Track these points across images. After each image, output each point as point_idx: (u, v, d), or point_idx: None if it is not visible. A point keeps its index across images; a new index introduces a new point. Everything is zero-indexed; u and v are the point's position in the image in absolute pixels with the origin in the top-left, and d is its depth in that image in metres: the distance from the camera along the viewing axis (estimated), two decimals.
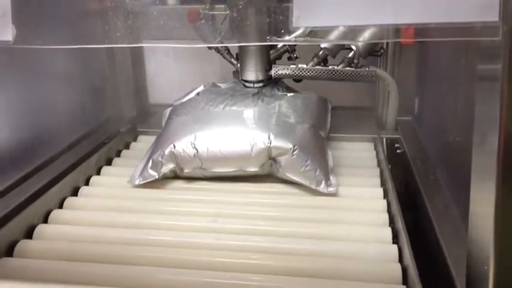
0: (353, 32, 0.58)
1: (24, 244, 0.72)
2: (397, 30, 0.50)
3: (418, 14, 0.46)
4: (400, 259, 0.68)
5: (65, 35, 0.57)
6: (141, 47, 1.33)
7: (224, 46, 1.11)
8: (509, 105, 0.46)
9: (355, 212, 0.80)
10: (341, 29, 0.60)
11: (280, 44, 1.13)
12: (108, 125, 1.24)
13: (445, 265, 0.66)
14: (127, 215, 0.81)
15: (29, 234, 0.76)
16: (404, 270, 0.65)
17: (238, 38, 1.03)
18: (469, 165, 0.54)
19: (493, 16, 0.44)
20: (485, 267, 0.49)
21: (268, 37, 1.05)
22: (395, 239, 0.72)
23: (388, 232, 0.73)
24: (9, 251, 0.71)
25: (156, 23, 0.90)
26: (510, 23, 0.44)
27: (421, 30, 0.48)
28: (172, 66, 1.59)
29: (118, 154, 1.09)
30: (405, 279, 0.64)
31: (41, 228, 0.77)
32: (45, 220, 0.80)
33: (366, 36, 0.60)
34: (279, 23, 0.97)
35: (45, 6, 0.57)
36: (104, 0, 0.73)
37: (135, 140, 1.17)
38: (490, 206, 0.49)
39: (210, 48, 1.22)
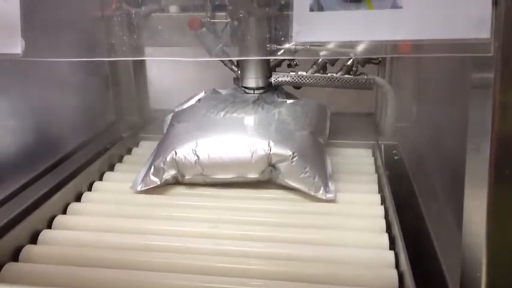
0: (351, 45, 0.59)
1: (29, 249, 0.74)
2: (394, 45, 0.52)
3: (413, 30, 0.48)
4: (397, 265, 0.69)
5: (72, 48, 0.58)
6: (142, 48, 1.34)
7: (225, 54, 1.13)
8: (500, 115, 0.48)
9: (353, 218, 0.82)
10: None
11: (280, 52, 1.15)
12: (110, 131, 1.26)
13: (440, 271, 0.67)
14: (129, 220, 0.83)
15: (33, 239, 0.77)
16: (401, 276, 0.66)
17: (238, 46, 1.05)
18: (464, 172, 0.55)
19: (485, 33, 0.46)
20: (478, 274, 0.51)
21: (268, 45, 1.07)
22: (392, 245, 0.74)
23: (385, 238, 0.75)
24: (15, 256, 0.73)
25: (159, 32, 0.92)
26: (501, 39, 0.46)
27: (415, 46, 0.49)
28: (173, 71, 1.61)
29: (120, 160, 1.10)
30: (401, 284, 0.65)
31: (45, 234, 0.78)
32: (49, 225, 0.82)
33: (363, 49, 0.62)
34: (279, 31, 0.99)
35: (53, 20, 0.58)
36: (107, 12, 0.75)
37: (136, 145, 1.19)
38: (483, 212, 0.50)
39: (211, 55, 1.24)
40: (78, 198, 0.91)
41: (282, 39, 1.05)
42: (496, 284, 0.51)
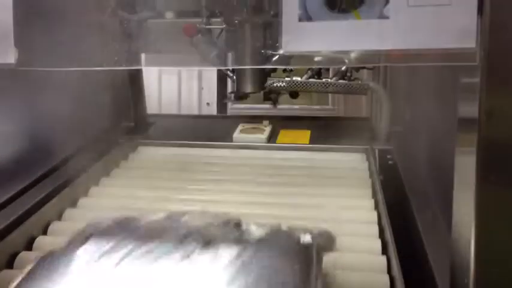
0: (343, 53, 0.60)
1: (24, 256, 0.74)
2: (387, 54, 0.53)
3: (400, 40, 0.48)
4: (389, 270, 0.70)
5: (66, 57, 0.59)
6: (139, 55, 1.35)
7: (221, 61, 1.13)
8: (486, 122, 0.49)
9: (346, 223, 0.82)
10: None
11: (275, 57, 1.15)
12: (106, 136, 1.26)
13: (431, 276, 0.68)
14: None
15: (29, 246, 0.78)
16: (392, 281, 0.67)
17: (233, 53, 1.05)
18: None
19: (470, 43, 0.47)
20: (466, 280, 0.51)
21: (263, 51, 1.08)
22: (385, 250, 0.74)
23: (378, 244, 0.76)
24: (10, 263, 0.73)
25: (154, 38, 0.92)
26: (486, 49, 0.47)
27: (405, 54, 0.50)
28: (169, 76, 1.62)
29: (117, 165, 1.11)
30: None
31: (40, 240, 0.79)
32: (44, 232, 0.82)
33: (357, 57, 0.62)
34: (274, 38, 1.00)
35: (47, 29, 0.59)
36: (102, 18, 0.75)
37: (133, 151, 1.20)
38: (471, 218, 0.51)
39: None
40: (74, 204, 0.92)
41: (277, 45, 1.05)
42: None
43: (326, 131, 1.29)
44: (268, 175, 1.03)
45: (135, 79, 1.40)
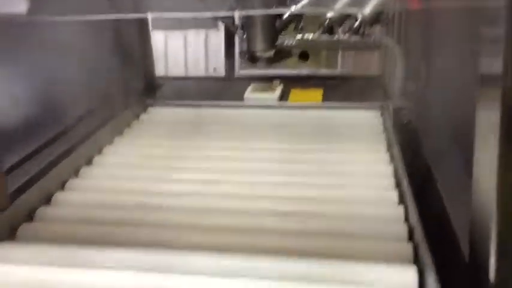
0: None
1: (43, 210, 0.75)
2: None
3: None
4: (407, 219, 0.70)
5: (74, 8, 0.58)
6: (146, 19, 1.33)
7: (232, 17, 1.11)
8: (511, 69, 0.47)
9: (363, 177, 0.82)
10: None
11: (286, 14, 1.13)
12: (117, 97, 1.26)
13: (450, 228, 0.68)
14: (138, 183, 0.83)
15: (47, 201, 0.78)
16: (411, 230, 0.67)
17: (244, 7, 1.04)
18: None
19: None
20: (488, 231, 0.50)
21: (274, 5, 1.06)
22: (402, 201, 0.74)
23: (394, 194, 0.76)
24: (30, 217, 0.74)
25: None
26: None
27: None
28: (177, 38, 1.60)
29: (129, 125, 1.11)
30: (412, 238, 0.66)
31: (58, 196, 0.79)
32: (62, 188, 0.83)
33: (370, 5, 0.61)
34: None
35: None
36: None
37: (144, 111, 1.20)
38: (492, 173, 0.50)
39: (215, 18, 1.23)
40: (89, 162, 0.92)
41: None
42: (506, 239, 0.51)
43: (338, 89, 1.28)
44: (281, 133, 1.03)
45: (143, 41, 1.38)
